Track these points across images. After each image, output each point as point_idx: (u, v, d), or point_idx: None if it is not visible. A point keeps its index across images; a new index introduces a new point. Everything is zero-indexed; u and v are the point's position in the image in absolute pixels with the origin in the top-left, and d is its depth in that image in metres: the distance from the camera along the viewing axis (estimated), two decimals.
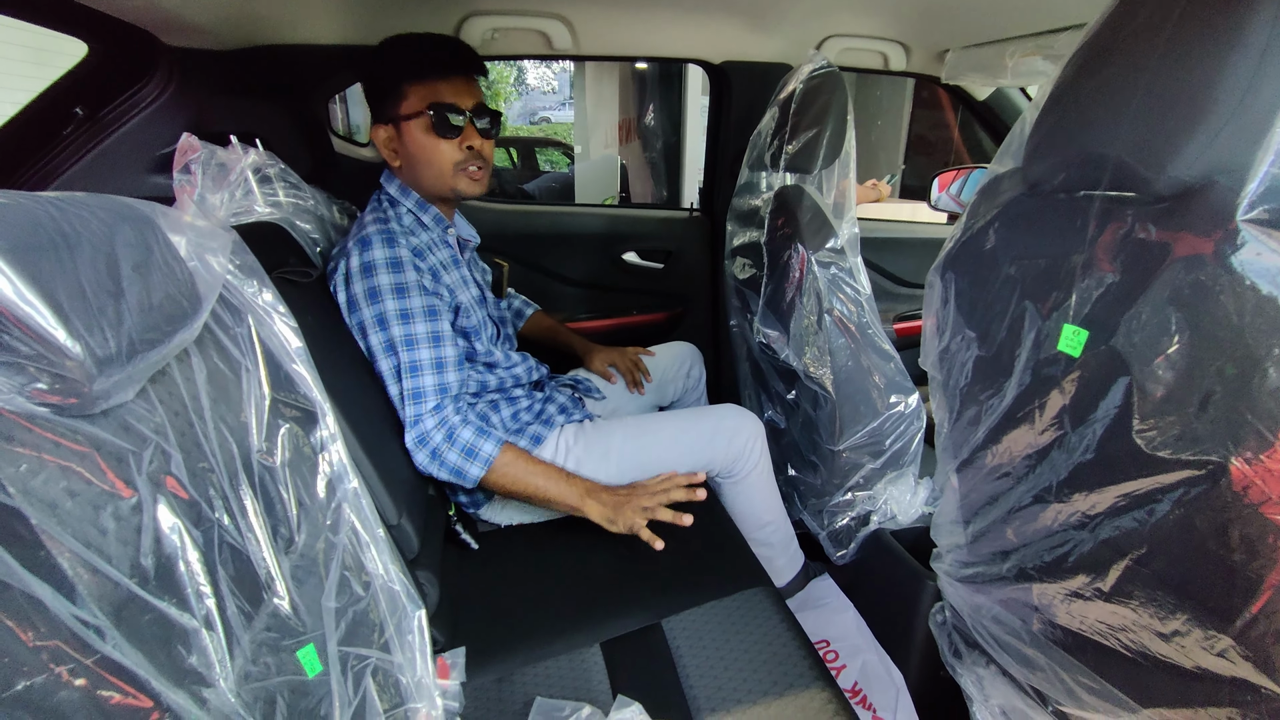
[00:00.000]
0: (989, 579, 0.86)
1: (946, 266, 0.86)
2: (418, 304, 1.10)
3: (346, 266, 1.10)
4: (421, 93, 1.12)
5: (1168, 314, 0.56)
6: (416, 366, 1.09)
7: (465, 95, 1.14)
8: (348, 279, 1.10)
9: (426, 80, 1.12)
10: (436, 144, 1.14)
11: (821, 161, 1.35)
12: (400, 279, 1.09)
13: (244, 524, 0.63)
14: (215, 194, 0.99)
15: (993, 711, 0.93)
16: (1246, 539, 0.52)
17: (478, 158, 1.17)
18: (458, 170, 1.17)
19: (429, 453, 1.09)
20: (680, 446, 1.29)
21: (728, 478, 1.34)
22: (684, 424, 1.32)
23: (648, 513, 1.11)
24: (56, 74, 1.15)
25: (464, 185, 1.19)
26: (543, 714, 0.86)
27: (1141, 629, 0.63)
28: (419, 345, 1.09)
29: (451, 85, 1.13)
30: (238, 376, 0.70)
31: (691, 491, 1.14)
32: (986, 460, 0.83)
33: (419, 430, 1.09)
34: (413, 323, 1.09)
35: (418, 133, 1.14)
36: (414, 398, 1.09)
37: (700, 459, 1.29)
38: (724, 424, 1.30)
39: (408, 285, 1.09)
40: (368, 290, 1.08)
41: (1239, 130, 0.52)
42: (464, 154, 1.16)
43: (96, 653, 0.43)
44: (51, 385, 0.46)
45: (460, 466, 1.10)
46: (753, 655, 0.93)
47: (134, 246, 0.55)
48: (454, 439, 1.10)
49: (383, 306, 1.08)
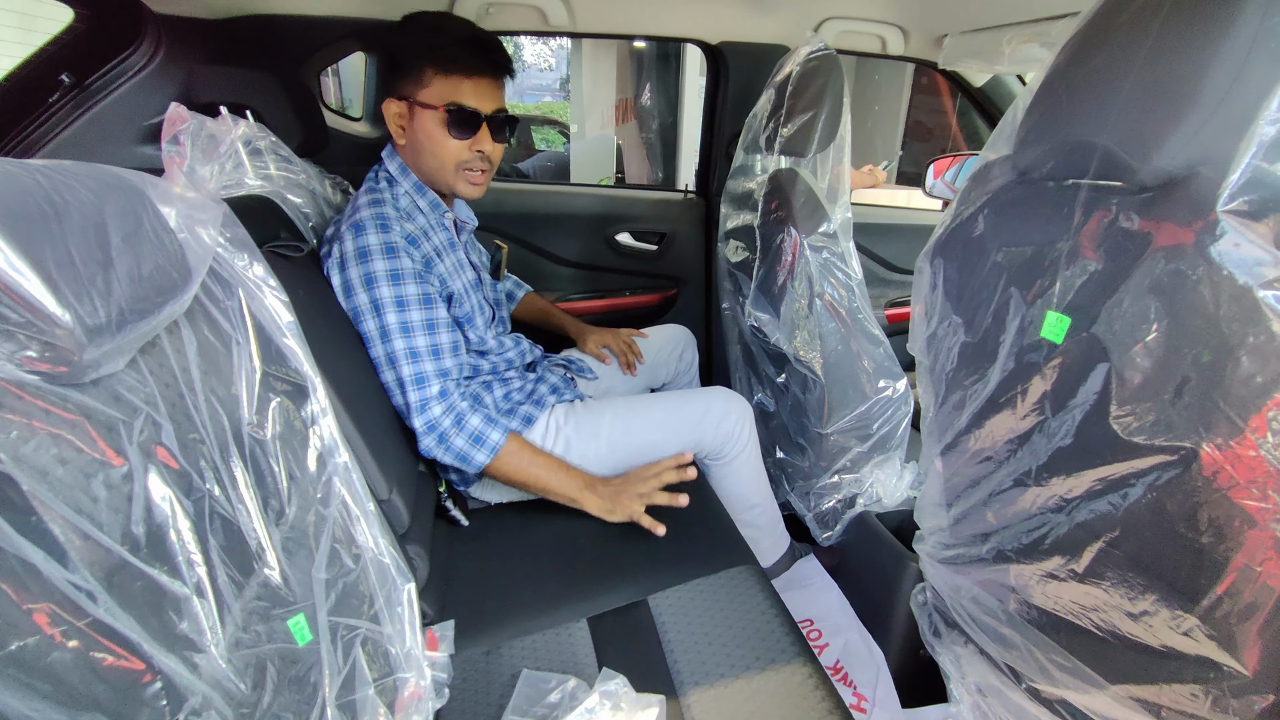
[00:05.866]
0: (969, 560, 0.88)
1: (936, 252, 0.87)
2: (413, 291, 1.09)
3: (341, 250, 1.09)
4: (443, 86, 1.10)
5: (1147, 302, 0.57)
6: (415, 353, 1.09)
7: (487, 98, 1.12)
8: (342, 263, 1.09)
9: (451, 74, 1.09)
10: (446, 141, 1.12)
11: (816, 145, 1.35)
12: (395, 265, 1.08)
13: (234, 495, 0.63)
14: (205, 166, 0.98)
15: (969, 689, 0.95)
16: (1214, 522, 0.54)
17: (484, 161, 1.16)
18: (460, 170, 1.15)
19: (436, 437, 1.10)
20: (669, 427, 1.30)
21: (716, 459, 1.35)
22: (674, 405, 1.33)
23: (644, 498, 1.13)
24: (43, 40, 1.13)
25: (462, 187, 1.18)
26: (529, 686, 0.88)
27: (1112, 609, 0.65)
28: (415, 332, 1.09)
29: (476, 86, 1.10)
30: (228, 349, 0.70)
31: (682, 471, 1.15)
32: (969, 444, 0.84)
33: (427, 416, 1.10)
34: (408, 310, 1.09)
35: (430, 123, 1.12)
36: (416, 383, 1.09)
37: (689, 440, 1.30)
38: (713, 406, 1.31)
39: (403, 272, 1.09)
40: (363, 276, 1.07)
41: (1223, 122, 0.53)
42: (471, 155, 1.14)
43: (89, 616, 0.43)
44: (41, 353, 0.46)
45: (466, 452, 1.11)
46: (736, 631, 0.95)
47: (124, 217, 0.55)
48: (462, 425, 1.11)
49: (378, 293, 1.07)
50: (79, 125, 1.12)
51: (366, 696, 0.73)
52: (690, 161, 5.11)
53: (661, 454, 1.31)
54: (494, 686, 0.91)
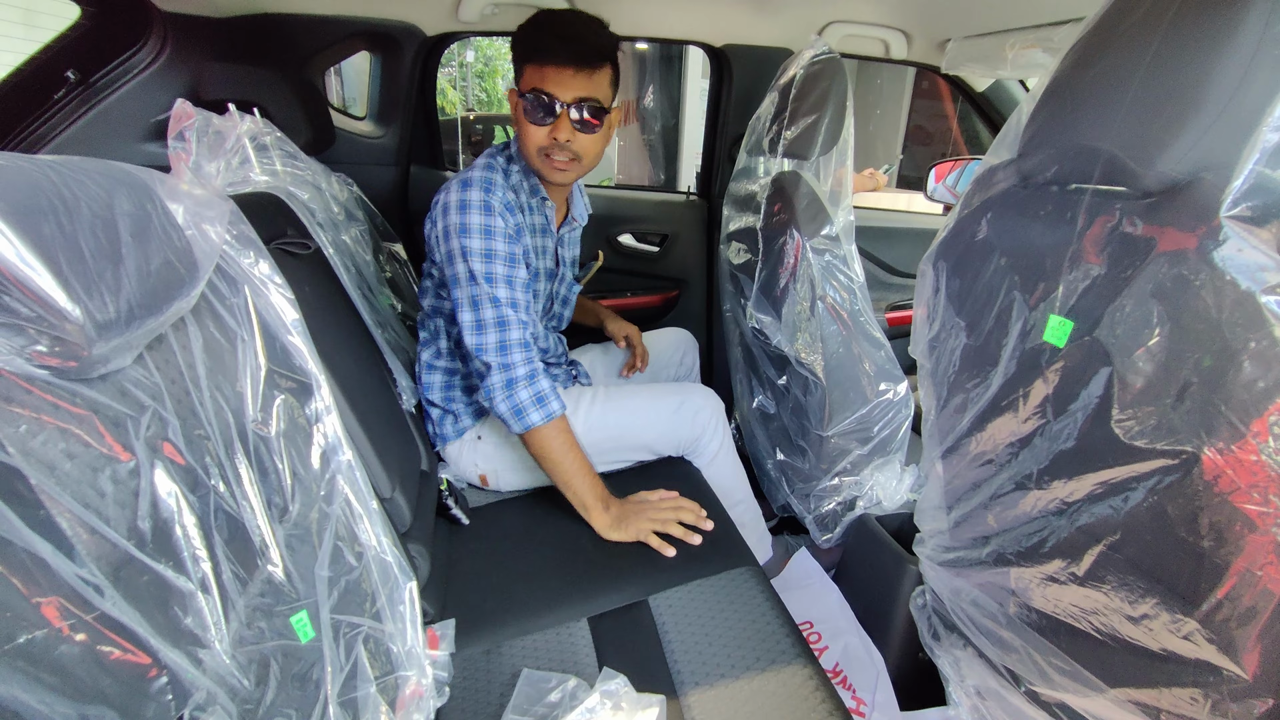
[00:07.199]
0: (969, 563, 0.89)
1: (939, 256, 0.87)
2: (502, 248, 1.14)
3: (445, 200, 1.15)
4: (530, 75, 1.14)
5: (1150, 307, 0.57)
6: (498, 300, 1.13)
7: (568, 87, 1.13)
8: (445, 210, 1.15)
9: (535, 63, 1.13)
10: (527, 127, 1.17)
11: (819, 148, 1.35)
12: (489, 221, 1.13)
13: (239, 492, 0.64)
14: (211, 162, 0.98)
15: (968, 691, 0.95)
16: (1215, 526, 0.54)
17: (564, 149, 1.17)
18: (542, 155, 1.18)
19: (506, 381, 1.13)
20: (644, 416, 1.34)
21: (694, 455, 1.38)
22: (651, 396, 1.37)
23: (656, 524, 1.14)
24: (49, 36, 1.13)
25: (548, 172, 1.21)
26: (530, 685, 0.88)
27: (1112, 612, 0.66)
28: (498, 283, 1.13)
29: (558, 74, 1.13)
30: (234, 346, 0.70)
31: (701, 518, 1.17)
32: (970, 447, 0.84)
33: (506, 359, 1.13)
34: (495, 262, 1.13)
35: (519, 110, 1.17)
36: (499, 325, 1.13)
37: (663, 432, 1.34)
38: (688, 401, 1.35)
39: (495, 229, 1.14)
40: (460, 225, 1.13)
41: (1227, 128, 0.53)
42: (550, 142, 1.17)
43: (96, 609, 0.43)
44: (51, 348, 0.46)
45: (525, 408, 1.13)
46: (737, 633, 0.95)
47: (133, 212, 0.56)
48: (534, 381, 1.14)
49: (469, 242, 1.12)
50: (84, 122, 1.12)
51: (368, 694, 0.74)
52: (692, 164, 5.12)
53: (636, 441, 1.36)
54: (494, 685, 0.91)
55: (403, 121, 1.76)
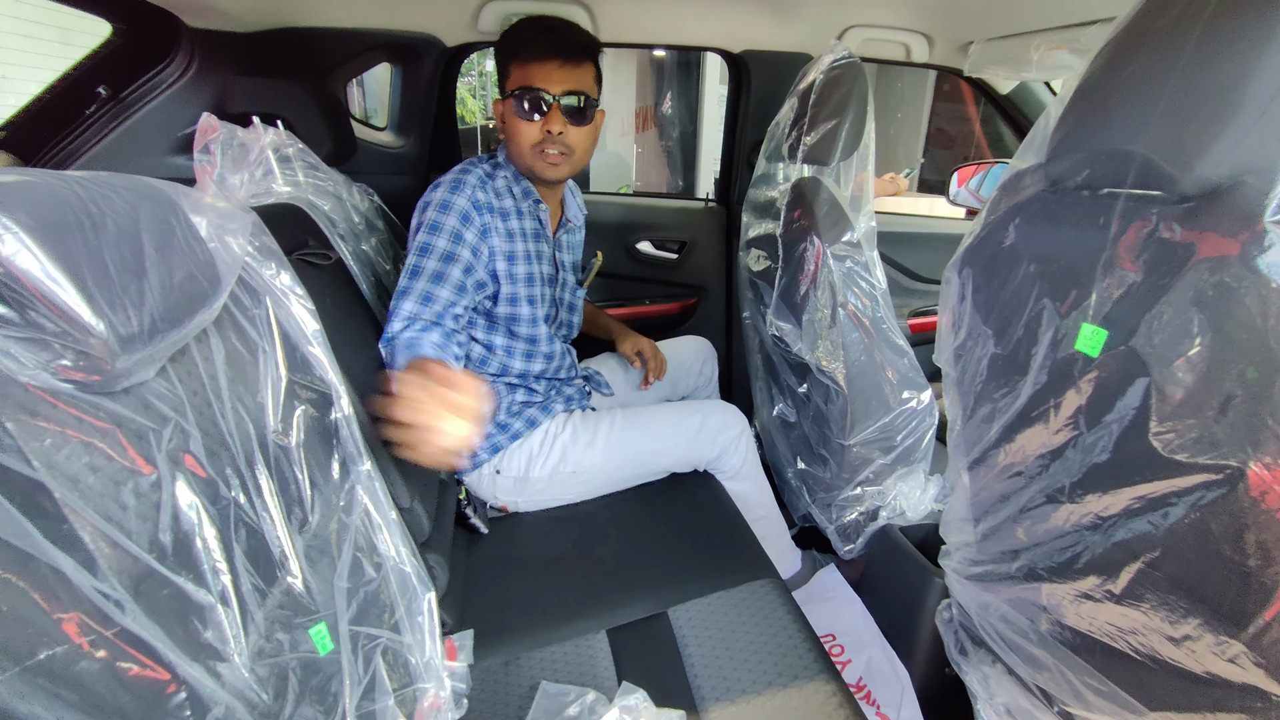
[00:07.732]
0: (998, 578, 0.86)
1: (964, 262, 0.85)
2: (441, 245, 1.14)
3: (423, 198, 1.19)
4: (517, 74, 1.16)
5: (1190, 315, 0.55)
6: (404, 292, 1.11)
7: (555, 80, 1.15)
8: (422, 208, 1.18)
9: (520, 61, 1.15)
10: (518, 124, 1.18)
11: (840, 154, 1.34)
12: (440, 218, 1.15)
13: (259, 503, 0.64)
14: (235, 174, 1.00)
15: (997, 710, 0.92)
16: (1262, 545, 0.51)
17: (556, 142, 1.18)
18: (534, 151, 1.19)
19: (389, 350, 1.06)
20: (666, 438, 1.32)
21: (718, 472, 1.36)
22: (671, 417, 1.34)
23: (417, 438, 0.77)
24: (82, 54, 1.16)
25: (540, 167, 1.21)
26: (548, 698, 0.87)
27: (1151, 632, 0.63)
28: (421, 276, 1.12)
29: (543, 68, 1.14)
30: (255, 357, 0.71)
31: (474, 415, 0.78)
32: (999, 459, 0.82)
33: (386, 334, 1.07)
34: (427, 257, 1.13)
35: (509, 111, 1.18)
36: (389, 315, 1.09)
37: (686, 452, 1.32)
38: (710, 420, 1.33)
39: (442, 226, 1.14)
40: (418, 221, 1.16)
41: (1269, 129, 0.51)
42: (542, 137, 1.18)
43: (116, 625, 0.44)
44: (75, 362, 0.46)
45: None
46: (758, 647, 0.94)
47: (157, 227, 0.56)
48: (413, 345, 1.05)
49: (420, 236, 1.14)
50: (114, 136, 1.14)
51: (386, 707, 0.73)
52: (710, 170, 5.11)
53: (657, 464, 1.34)
54: (512, 698, 0.90)
55: (423, 131, 1.78)
